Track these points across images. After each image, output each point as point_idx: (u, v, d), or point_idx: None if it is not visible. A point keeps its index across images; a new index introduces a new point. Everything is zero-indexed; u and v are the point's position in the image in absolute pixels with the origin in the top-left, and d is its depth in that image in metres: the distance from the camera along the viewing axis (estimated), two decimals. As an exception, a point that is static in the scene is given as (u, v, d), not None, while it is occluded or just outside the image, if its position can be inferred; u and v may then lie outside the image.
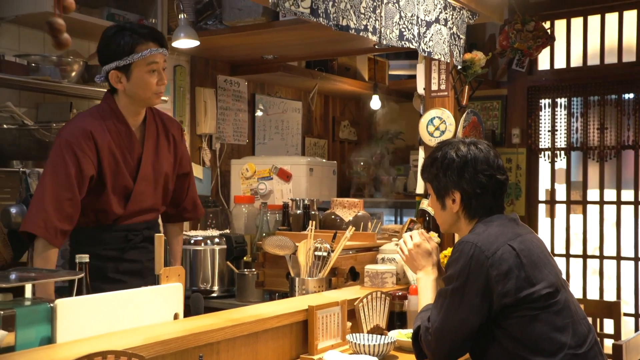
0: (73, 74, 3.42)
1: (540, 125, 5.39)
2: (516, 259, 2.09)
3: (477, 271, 2.08)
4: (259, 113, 5.25)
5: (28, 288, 1.93)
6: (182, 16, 3.86)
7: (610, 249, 5.16)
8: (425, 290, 2.42)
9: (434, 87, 3.69)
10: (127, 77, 2.68)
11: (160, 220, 3.11)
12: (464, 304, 2.10)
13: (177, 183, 2.99)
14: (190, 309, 2.62)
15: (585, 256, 5.25)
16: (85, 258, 2.18)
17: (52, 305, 1.85)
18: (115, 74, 2.68)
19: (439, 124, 3.65)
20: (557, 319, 2.09)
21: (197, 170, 4.51)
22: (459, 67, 3.64)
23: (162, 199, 2.93)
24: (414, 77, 3.91)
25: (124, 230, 2.78)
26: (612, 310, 3.60)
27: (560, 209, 5.37)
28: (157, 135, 2.87)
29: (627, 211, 5.12)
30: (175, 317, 2.18)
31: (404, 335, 2.54)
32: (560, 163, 5.35)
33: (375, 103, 5.68)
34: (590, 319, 2.31)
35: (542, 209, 5.45)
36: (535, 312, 2.08)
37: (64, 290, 2.98)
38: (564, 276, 2.27)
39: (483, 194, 2.25)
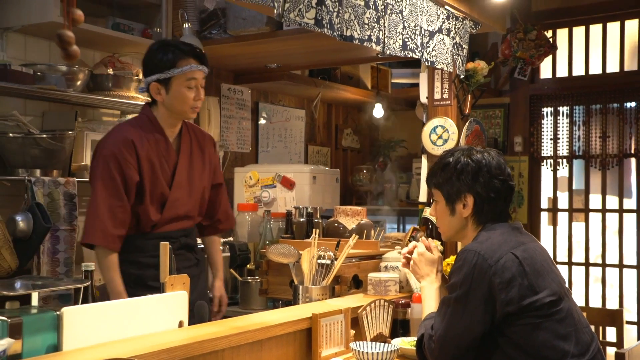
0: (78, 82, 3.45)
1: (543, 133, 5.41)
2: (519, 267, 2.10)
3: (480, 279, 2.09)
4: (262, 121, 5.27)
5: (34, 296, 1.95)
6: (187, 25, 3.88)
7: (612, 257, 5.17)
8: (428, 298, 2.44)
9: (437, 95, 3.71)
10: (167, 90, 2.80)
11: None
12: (467, 312, 2.11)
13: (211, 194, 3.10)
14: (194, 317, 2.63)
15: (587, 264, 5.26)
16: (90, 266, 2.20)
17: (58, 313, 1.87)
18: (156, 86, 2.81)
19: (441, 133, 3.66)
20: (560, 327, 2.10)
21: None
22: (462, 76, 3.66)
23: (198, 208, 3.03)
24: (416, 85, 3.93)
25: (161, 238, 2.83)
26: (614, 318, 3.61)
27: (563, 217, 5.38)
28: (191, 146, 2.99)
29: (630, 219, 5.13)
30: (180, 325, 2.19)
31: (407, 343, 2.55)
32: (563, 171, 5.36)
33: (377, 111, 5.70)
34: (592, 327, 2.32)
35: (544, 216, 5.46)
36: (538, 320, 2.09)
37: (68, 298, 3.01)
38: (567, 284, 2.29)
39: (496, 199, 2.27)
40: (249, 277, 3.59)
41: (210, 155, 3.07)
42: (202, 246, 3.26)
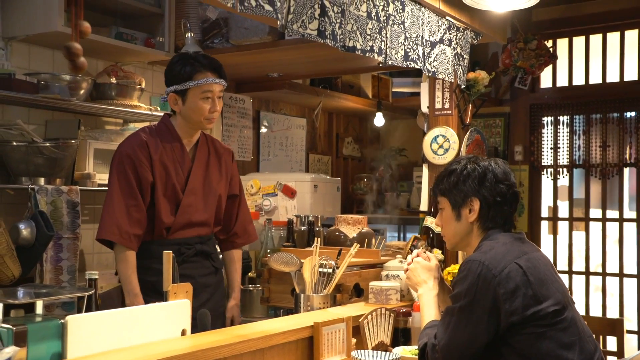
0: (82, 92, 3.47)
1: (543, 142, 5.43)
2: (523, 277, 2.11)
3: (485, 289, 2.11)
4: (263, 130, 5.29)
5: (39, 304, 1.96)
6: (189, 35, 3.91)
7: (612, 266, 5.18)
8: (427, 306, 2.44)
9: (438, 105, 3.73)
10: (183, 101, 2.89)
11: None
12: (471, 322, 2.12)
13: (227, 205, 3.13)
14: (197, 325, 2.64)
15: (587, 273, 5.27)
16: (94, 275, 2.22)
17: (63, 321, 1.88)
18: (174, 97, 2.90)
19: (442, 142, 3.68)
20: (564, 336, 2.11)
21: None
22: (463, 86, 3.68)
23: (214, 216, 3.07)
24: (417, 94, 3.96)
25: (176, 244, 2.88)
26: (615, 327, 3.61)
27: (563, 226, 5.40)
28: (208, 155, 3.05)
29: (630, 228, 5.14)
30: (183, 333, 2.20)
31: (408, 351, 2.55)
32: (563, 180, 5.38)
33: (378, 120, 5.72)
34: (594, 336, 2.33)
35: (544, 225, 5.47)
36: (542, 330, 2.10)
37: (72, 306, 3.02)
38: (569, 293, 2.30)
39: (502, 203, 2.29)
40: (250, 285, 3.60)
41: (227, 167, 3.12)
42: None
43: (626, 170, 5.15)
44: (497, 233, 2.29)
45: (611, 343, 3.73)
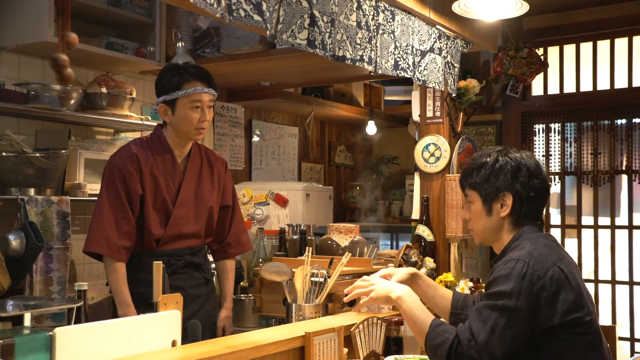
0: (72, 101, 3.46)
1: (535, 150, 5.43)
2: (565, 281, 2.08)
3: (529, 291, 2.05)
4: (255, 138, 5.29)
5: (27, 317, 1.95)
6: (180, 44, 3.91)
7: (605, 273, 5.18)
8: (417, 306, 2.28)
9: (429, 114, 3.74)
10: (173, 111, 2.90)
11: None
12: (515, 322, 2.05)
13: (219, 215, 3.12)
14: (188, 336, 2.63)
15: (580, 280, 5.26)
16: (83, 286, 2.21)
17: (51, 333, 1.87)
18: (163, 107, 2.92)
19: (434, 150, 3.69)
20: (591, 348, 2.09)
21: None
22: (454, 94, 3.68)
23: (205, 227, 3.05)
24: (409, 102, 3.96)
25: (166, 256, 2.88)
26: (607, 334, 3.59)
27: (555, 233, 5.40)
28: (200, 167, 3.05)
29: (621, 235, 5.15)
30: (173, 344, 2.19)
31: (400, 361, 2.55)
32: (555, 187, 5.38)
33: (370, 128, 5.73)
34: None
35: (537, 233, 5.47)
36: (575, 337, 2.07)
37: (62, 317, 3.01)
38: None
39: (535, 199, 2.24)
40: (242, 295, 3.60)
41: (220, 177, 3.12)
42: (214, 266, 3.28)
43: (617, 178, 5.16)
44: (534, 231, 2.23)
45: (604, 350, 3.73)
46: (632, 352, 5.00)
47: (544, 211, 5.30)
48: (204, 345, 2.26)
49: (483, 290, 3.33)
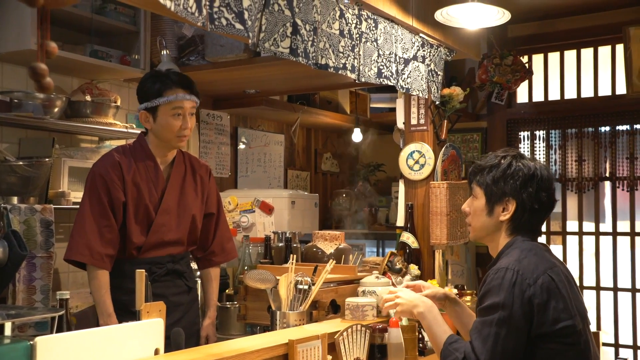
0: (56, 110, 3.45)
1: (520, 157, 5.45)
2: (555, 289, 2.08)
3: (520, 299, 2.06)
4: (241, 146, 5.29)
5: (7, 326, 1.94)
6: (165, 52, 3.91)
7: (589, 280, 5.21)
8: (436, 323, 2.31)
9: (414, 121, 3.75)
10: (154, 118, 2.89)
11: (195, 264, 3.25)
12: (512, 333, 2.06)
13: (203, 223, 3.11)
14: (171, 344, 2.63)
15: (565, 287, 5.29)
16: (65, 295, 2.20)
17: (31, 343, 1.86)
18: (144, 114, 2.91)
19: (418, 158, 3.70)
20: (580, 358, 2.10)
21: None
22: (437, 102, 3.70)
23: (188, 235, 3.04)
24: (395, 109, 3.97)
25: (147, 263, 2.87)
26: (591, 341, 3.63)
27: (540, 240, 5.41)
28: (184, 174, 3.04)
29: (606, 242, 5.18)
30: (156, 352, 2.19)
31: (383, 368, 2.56)
32: (540, 194, 5.41)
33: (356, 136, 5.74)
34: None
35: (522, 240, 5.49)
36: (564, 347, 2.07)
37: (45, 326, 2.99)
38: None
39: (538, 211, 2.23)
40: (227, 303, 3.59)
41: (203, 185, 3.10)
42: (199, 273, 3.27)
43: (601, 184, 5.20)
44: (525, 240, 2.23)
45: (588, 356, 3.75)
46: (616, 358, 5.02)
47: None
48: (187, 353, 2.26)
49: (468, 297, 3.35)
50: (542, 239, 5.24)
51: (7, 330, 1.91)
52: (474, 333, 2.13)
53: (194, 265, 3.28)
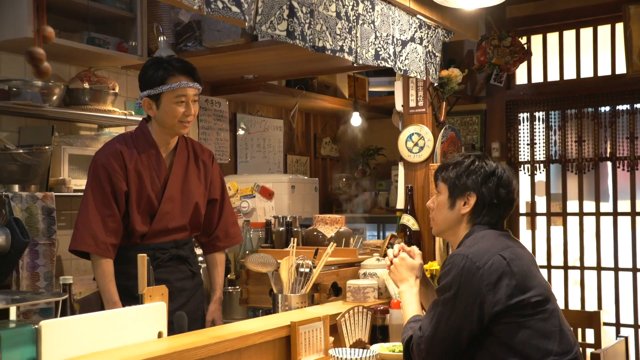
0: (54, 97, 3.45)
1: (520, 138, 5.47)
2: (507, 268, 2.17)
3: (469, 281, 2.16)
4: (240, 132, 5.29)
5: (12, 310, 1.95)
6: (162, 38, 3.91)
7: (590, 260, 5.23)
8: (409, 302, 2.49)
9: (412, 103, 3.75)
10: (157, 105, 2.89)
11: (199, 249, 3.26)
12: (456, 313, 2.17)
13: (206, 209, 3.11)
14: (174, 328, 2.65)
15: (566, 267, 5.31)
16: (69, 280, 2.22)
17: (36, 327, 1.88)
18: (147, 101, 2.90)
19: (417, 140, 3.70)
20: (545, 326, 2.17)
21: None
22: (436, 84, 3.70)
23: (191, 221, 3.05)
24: (393, 93, 3.97)
25: (151, 249, 2.88)
26: (592, 320, 3.64)
27: (541, 221, 5.44)
28: (187, 161, 3.04)
29: (606, 222, 5.19)
30: (159, 335, 2.20)
31: (386, 348, 2.57)
32: (540, 176, 5.42)
33: (355, 120, 5.74)
34: (572, 329, 2.36)
35: (523, 221, 5.52)
36: (524, 319, 2.15)
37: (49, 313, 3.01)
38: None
39: (497, 206, 2.35)
40: (229, 287, 3.61)
41: (207, 170, 3.11)
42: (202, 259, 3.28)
43: (602, 165, 5.20)
44: (483, 229, 2.34)
45: (590, 336, 3.76)
46: (617, 336, 5.05)
47: (532, 200, 5.36)
48: (190, 336, 2.28)
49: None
50: (542, 220, 5.31)
51: (12, 315, 1.93)
52: (426, 313, 2.30)
53: (198, 251, 3.29)
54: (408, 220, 3.65)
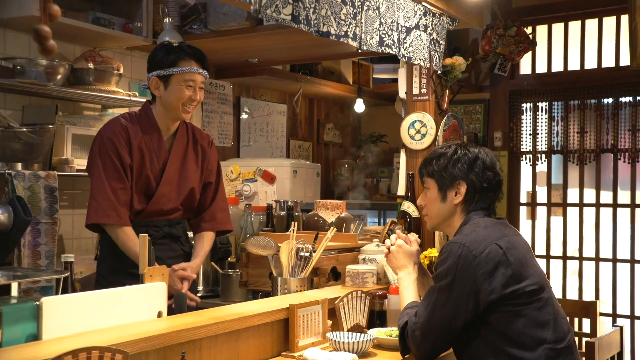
0: (59, 77, 3.46)
1: (522, 128, 5.47)
2: (503, 257, 2.19)
3: (465, 270, 2.18)
4: (244, 116, 5.30)
5: (14, 287, 1.97)
6: (167, 20, 3.91)
7: (589, 250, 5.25)
8: (406, 289, 2.52)
9: (415, 91, 3.76)
10: (165, 86, 2.91)
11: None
12: (451, 300, 2.19)
13: (201, 192, 3.13)
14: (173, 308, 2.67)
15: (565, 257, 5.33)
16: (70, 257, 2.23)
17: (37, 303, 1.90)
18: (155, 81, 2.92)
19: (419, 127, 3.71)
20: (539, 315, 2.19)
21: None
22: (439, 72, 3.70)
23: (185, 204, 3.07)
24: (397, 80, 3.97)
25: (144, 226, 2.90)
26: (589, 310, 3.67)
27: (541, 211, 5.45)
28: (186, 146, 3.06)
29: (606, 213, 5.21)
30: (159, 315, 2.22)
31: (383, 333, 2.59)
32: (541, 166, 5.43)
33: (359, 106, 5.74)
34: (568, 319, 2.38)
35: (523, 211, 5.53)
36: (519, 308, 2.17)
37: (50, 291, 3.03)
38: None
39: (487, 189, 2.38)
40: (229, 270, 3.63)
41: (204, 155, 3.12)
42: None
43: (603, 156, 5.20)
44: (479, 217, 2.36)
45: (586, 325, 3.79)
46: (613, 325, 5.07)
47: (533, 190, 5.37)
48: (189, 316, 2.30)
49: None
50: (543, 211, 5.32)
51: (14, 291, 1.95)
52: (422, 299, 2.32)
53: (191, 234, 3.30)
54: (409, 207, 3.66)
